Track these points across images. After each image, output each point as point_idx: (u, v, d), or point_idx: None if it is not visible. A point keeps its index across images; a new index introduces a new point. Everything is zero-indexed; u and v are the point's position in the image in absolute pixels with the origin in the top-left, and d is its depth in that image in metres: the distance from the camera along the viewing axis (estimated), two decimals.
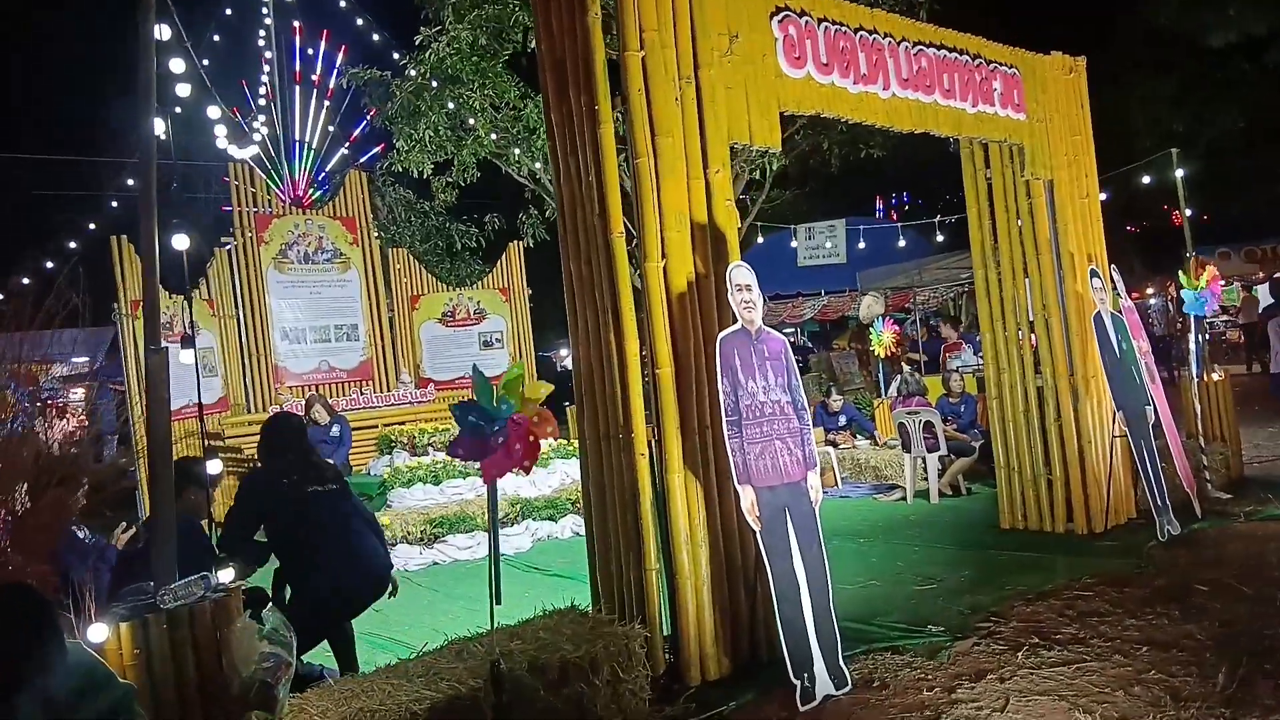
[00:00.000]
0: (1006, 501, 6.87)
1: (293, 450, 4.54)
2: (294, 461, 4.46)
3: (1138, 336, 6.78)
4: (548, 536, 7.94)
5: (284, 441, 4.57)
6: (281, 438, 4.59)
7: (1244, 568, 5.24)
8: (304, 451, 4.59)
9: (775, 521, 4.24)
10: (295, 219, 11.96)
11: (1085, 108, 6.99)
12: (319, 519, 4.31)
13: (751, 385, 4.37)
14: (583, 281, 4.65)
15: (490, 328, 13.29)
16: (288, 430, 4.69)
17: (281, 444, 4.55)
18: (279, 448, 4.54)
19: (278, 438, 4.60)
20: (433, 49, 12.05)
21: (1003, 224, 6.76)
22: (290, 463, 4.44)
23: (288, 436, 4.62)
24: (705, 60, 4.66)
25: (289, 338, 11.78)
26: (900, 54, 5.64)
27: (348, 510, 4.49)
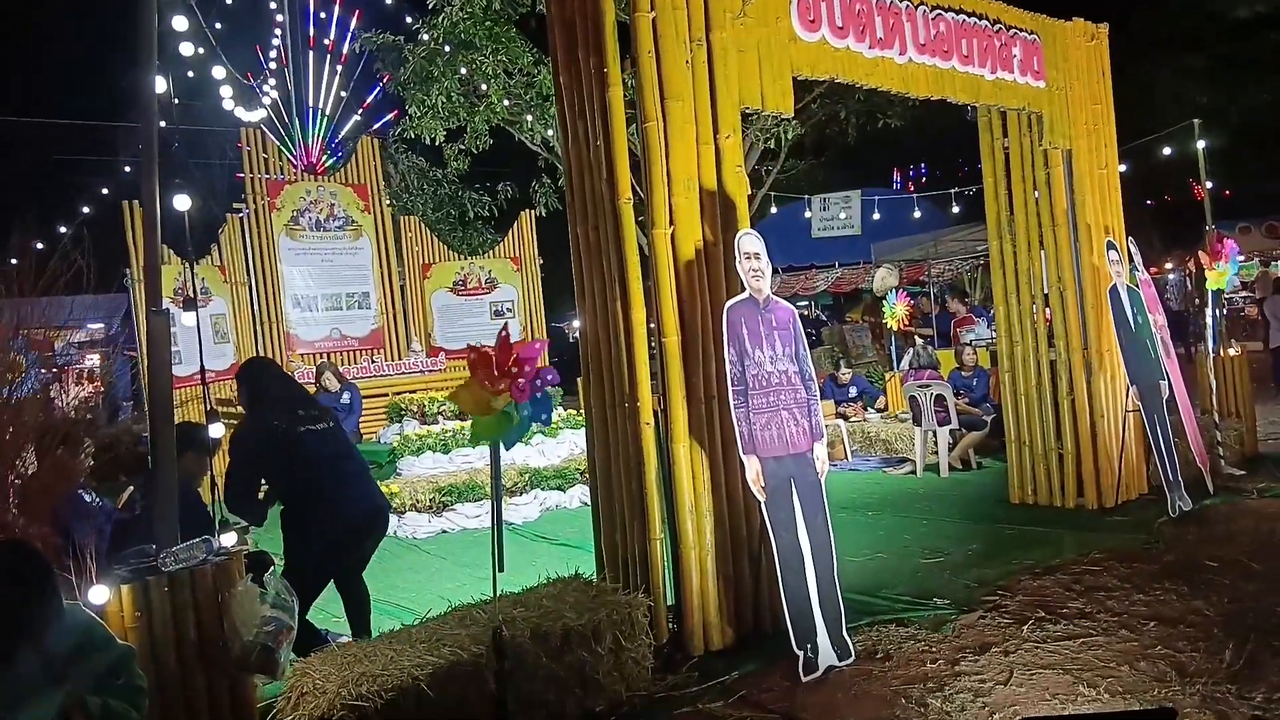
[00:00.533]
0: (1017, 476, 6.82)
1: (275, 393, 4.46)
2: (279, 405, 4.38)
3: (1154, 311, 6.69)
4: (556, 506, 7.95)
5: (263, 388, 4.48)
6: (259, 385, 4.50)
7: (1254, 545, 5.19)
8: (288, 393, 4.52)
9: (780, 492, 4.21)
10: (307, 185, 11.91)
11: (1106, 76, 6.85)
12: (313, 456, 4.27)
13: (759, 355, 4.32)
14: (590, 248, 4.60)
15: (501, 297, 13.24)
16: (265, 376, 4.60)
17: (260, 391, 4.47)
18: (259, 395, 4.46)
19: (255, 386, 4.51)
20: (446, 13, 11.95)
21: (1019, 195, 6.65)
22: (276, 407, 4.37)
23: (265, 382, 4.53)
24: (717, 22, 4.57)
25: (300, 305, 11.78)
26: (918, 18, 5.52)
27: (342, 450, 4.45)
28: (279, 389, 4.52)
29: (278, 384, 4.56)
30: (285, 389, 4.56)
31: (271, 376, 4.61)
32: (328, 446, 4.35)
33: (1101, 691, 3.51)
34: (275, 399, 4.43)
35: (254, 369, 4.70)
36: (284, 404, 4.40)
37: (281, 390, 4.52)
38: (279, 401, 4.41)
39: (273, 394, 4.46)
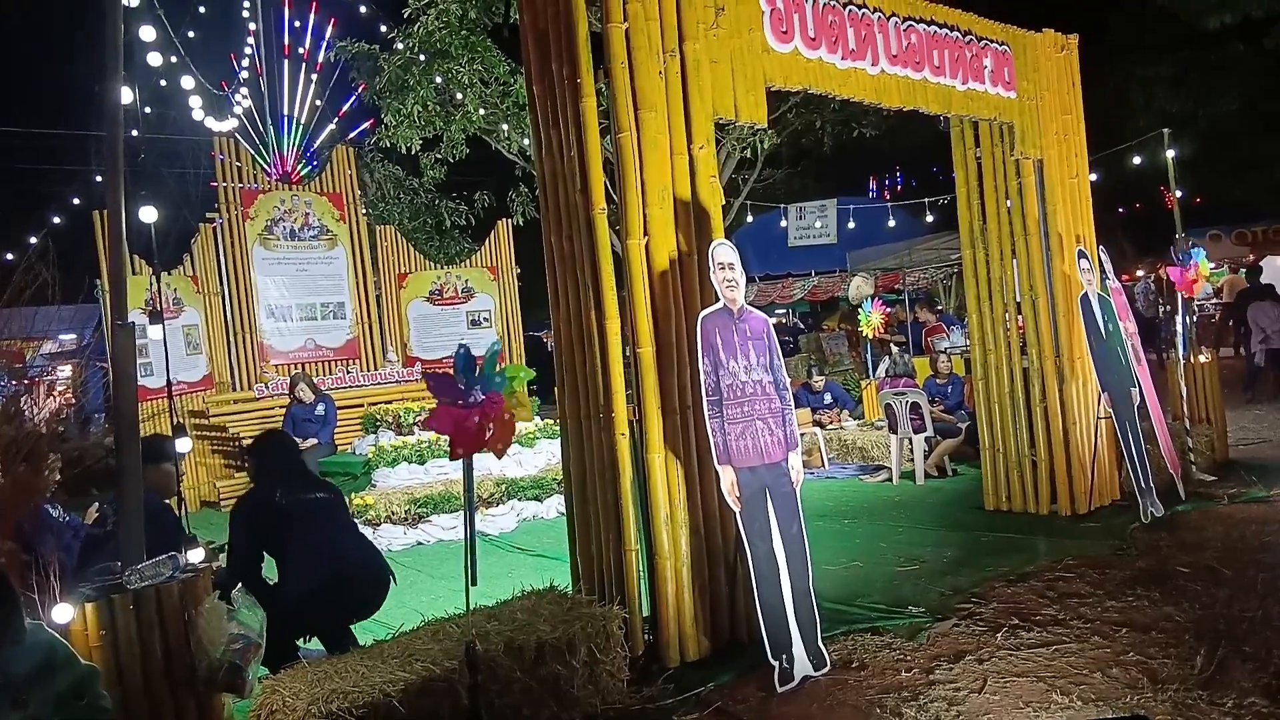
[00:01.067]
0: (991, 483, 6.86)
1: (283, 470, 4.44)
2: (285, 479, 4.36)
3: (1124, 318, 6.76)
4: (533, 516, 7.91)
5: (274, 464, 4.47)
6: (272, 461, 4.49)
7: (1225, 550, 5.24)
8: (296, 469, 4.51)
9: (755, 502, 4.21)
10: (281, 195, 11.84)
11: (1077, 86, 6.93)
12: (312, 521, 4.22)
13: (733, 365, 4.32)
14: (564, 258, 4.59)
15: (478, 306, 13.20)
16: (280, 453, 4.57)
17: (271, 466, 4.45)
18: (268, 470, 4.45)
19: (262, 458, 4.50)
20: (421, 22, 11.91)
21: (992, 204, 6.71)
22: (281, 480, 4.34)
23: (280, 459, 4.51)
24: (690, 33, 4.58)
25: (274, 315, 11.69)
26: (890, 29, 5.56)
27: (343, 519, 4.43)
28: (284, 462, 4.50)
29: (283, 457, 4.54)
30: (291, 465, 4.53)
31: (283, 453, 4.59)
32: (326, 512, 4.29)
33: (1074, 699, 3.52)
34: (278, 471, 4.41)
35: (264, 444, 4.66)
36: (285, 476, 4.37)
37: (285, 463, 4.50)
38: (281, 474, 4.39)
39: (276, 466, 4.44)
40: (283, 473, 4.41)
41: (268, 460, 4.49)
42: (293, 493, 4.26)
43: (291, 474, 4.45)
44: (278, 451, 4.57)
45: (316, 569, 4.11)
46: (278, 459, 4.51)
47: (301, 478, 4.50)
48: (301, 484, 4.40)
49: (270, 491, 4.28)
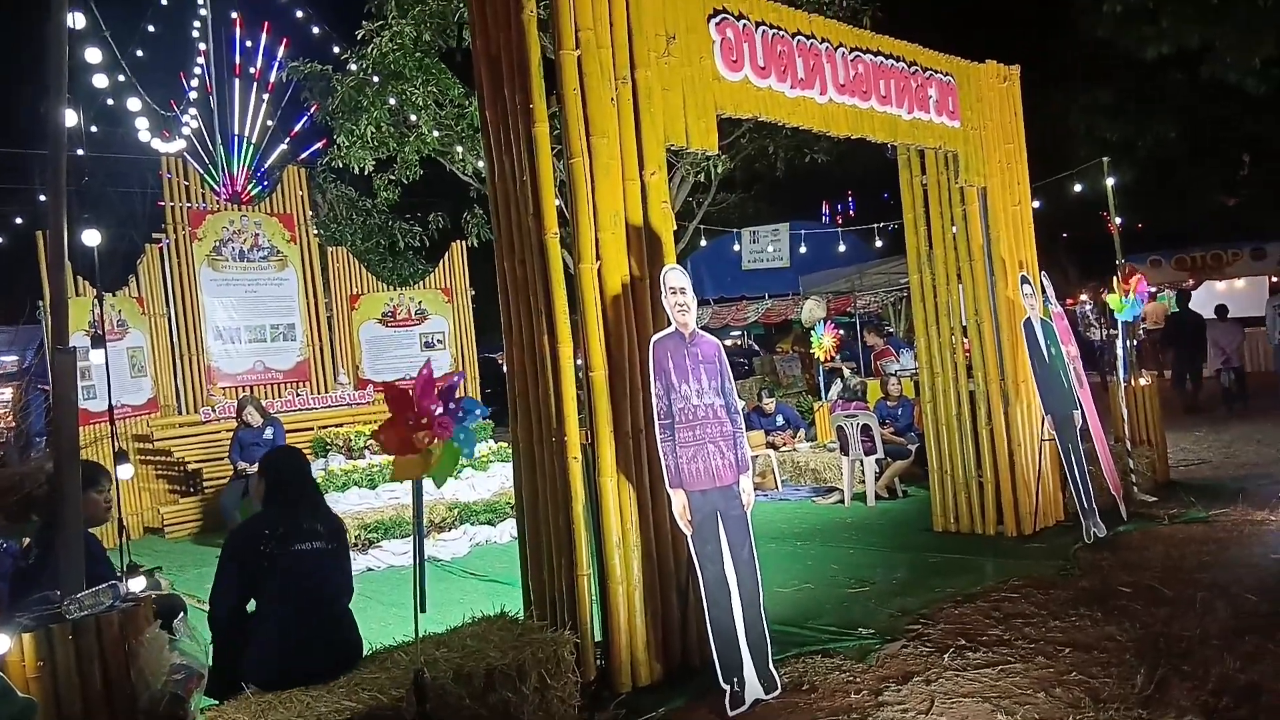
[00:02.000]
0: (939, 504, 6.97)
1: (291, 495, 4.06)
2: (286, 510, 4.00)
3: (1066, 342, 6.92)
4: (486, 541, 7.85)
5: (283, 483, 4.09)
6: (282, 476, 4.11)
7: (1165, 570, 5.37)
8: (301, 498, 4.09)
9: (706, 526, 4.23)
10: (230, 215, 11.68)
11: (1018, 116, 7.12)
12: (297, 581, 3.83)
13: (685, 388, 4.35)
14: (517, 282, 4.60)
15: (432, 328, 13.11)
16: (290, 471, 4.16)
17: (281, 485, 4.08)
18: (277, 489, 4.08)
19: (280, 476, 4.12)
20: (375, 44, 11.89)
21: (938, 230, 6.85)
22: (281, 511, 4.00)
23: (289, 477, 4.12)
24: (641, 61, 4.63)
25: (222, 337, 11.49)
26: (837, 59, 5.67)
27: (334, 577, 4.02)
28: (296, 490, 4.10)
29: (297, 484, 4.13)
30: (299, 492, 4.11)
31: (294, 472, 4.18)
32: (309, 572, 3.89)
33: (1019, 719, 3.58)
34: (287, 499, 4.06)
35: (279, 461, 4.27)
36: (290, 509, 4.01)
37: (297, 492, 4.10)
38: (289, 501, 4.05)
39: (288, 493, 4.07)
40: (288, 501, 4.03)
41: (279, 479, 4.10)
42: (286, 541, 3.86)
43: (293, 508, 4.01)
44: (287, 471, 4.16)
45: (284, 637, 3.76)
46: (288, 479, 4.11)
47: (305, 515, 4.01)
48: (302, 525, 3.93)
49: (265, 528, 3.91)
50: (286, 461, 4.25)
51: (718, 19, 5.03)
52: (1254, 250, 19.38)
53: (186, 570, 7.84)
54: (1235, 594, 4.79)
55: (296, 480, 4.13)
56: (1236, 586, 4.91)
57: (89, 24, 3.80)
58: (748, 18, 5.19)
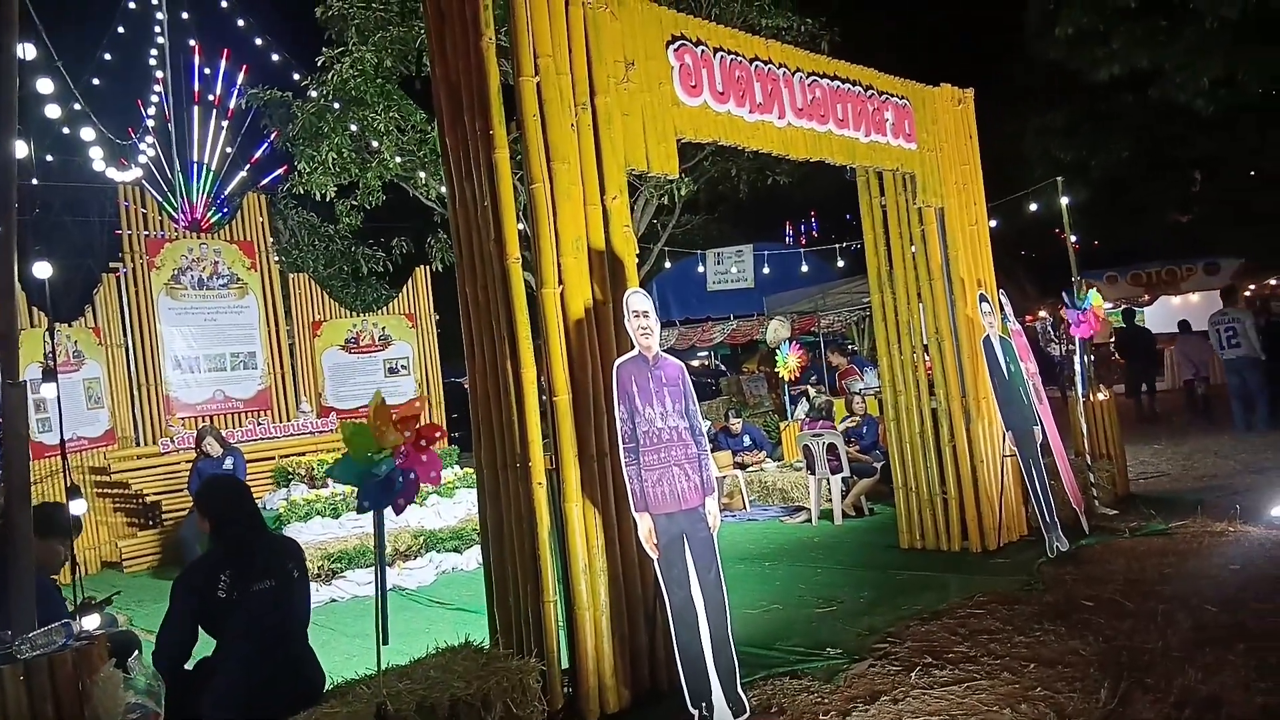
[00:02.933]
0: (905, 522, 7.01)
1: (232, 529, 3.86)
2: (237, 547, 3.82)
3: (1025, 359, 7.02)
4: (452, 569, 7.77)
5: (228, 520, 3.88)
6: (224, 513, 3.90)
7: (1127, 583, 5.43)
8: (249, 532, 3.90)
9: (673, 549, 4.21)
10: (189, 243, 11.55)
11: (973, 138, 7.25)
12: (254, 622, 3.70)
13: (649, 411, 4.35)
14: (479, 307, 4.59)
15: (395, 354, 13.02)
16: (231, 506, 3.95)
17: (227, 522, 3.87)
18: (222, 526, 3.87)
19: (222, 514, 3.90)
20: (335, 70, 11.87)
21: (898, 250, 6.93)
22: (234, 549, 3.81)
23: (231, 513, 3.90)
24: (601, 87, 4.66)
25: (181, 366, 11.33)
26: (795, 84, 5.75)
27: (295, 611, 3.91)
28: (241, 526, 3.90)
29: (235, 510, 3.94)
30: (240, 521, 3.91)
31: (227, 499, 3.99)
32: (266, 613, 3.75)
33: None
34: (232, 530, 3.87)
35: (210, 491, 4.09)
36: (237, 541, 3.83)
37: (243, 528, 3.90)
38: (234, 533, 3.86)
39: (235, 532, 3.87)
40: (238, 542, 3.83)
41: (219, 523, 3.89)
42: (244, 581, 3.69)
43: (248, 545, 3.84)
44: (227, 511, 3.92)
45: (247, 676, 3.65)
46: (231, 521, 3.88)
47: (258, 550, 3.85)
48: (256, 562, 3.78)
49: (221, 569, 3.71)
50: (224, 496, 4.04)
51: (676, 45, 5.08)
52: (1207, 265, 19.86)
53: (145, 605, 7.67)
54: (1195, 606, 4.85)
55: (240, 514, 3.93)
56: (1196, 598, 4.97)
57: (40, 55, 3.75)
58: (706, 44, 5.24)
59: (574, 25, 4.59)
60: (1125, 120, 15.19)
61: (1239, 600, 4.88)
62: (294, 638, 3.89)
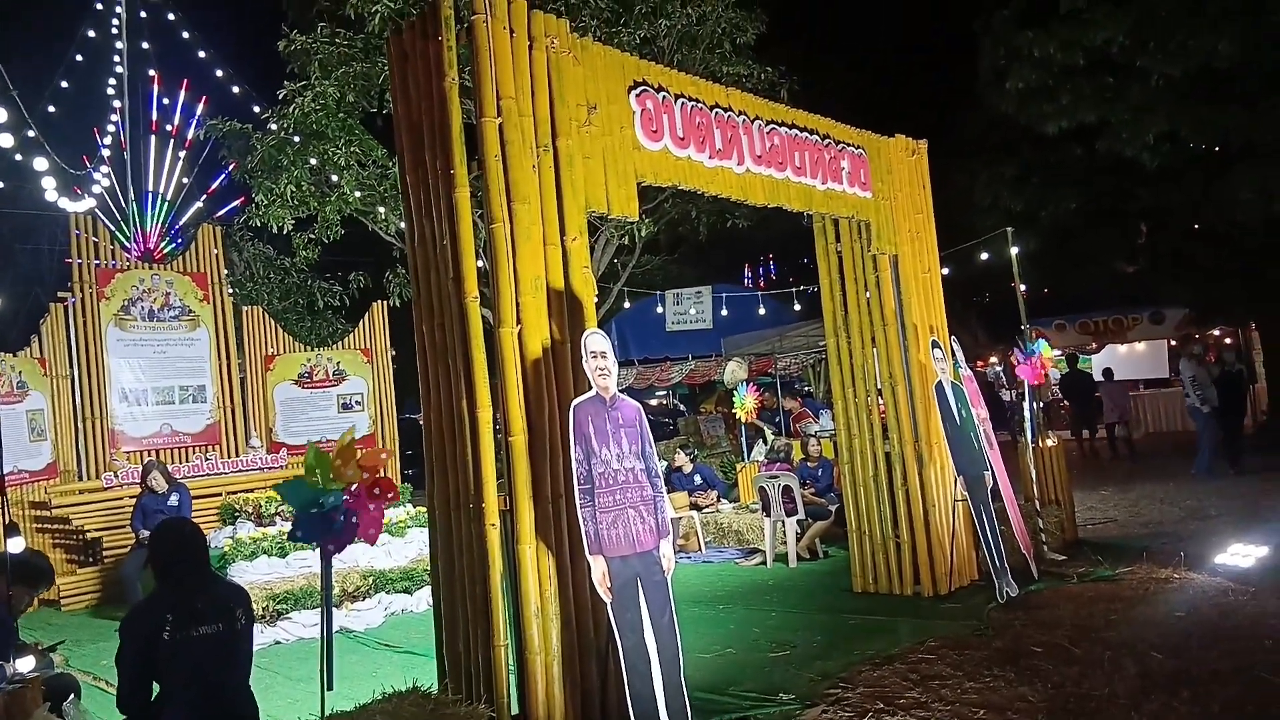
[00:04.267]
0: (858, 565, 7.04)
1: (176, 572, 3.77)
2: (180, 591, 3.71)
3: (976, 404, 7.13)
4: (402, 610, 7.63)
5: (174, 561, 3.78)
6: (170, 554, 3.80)
7: (1075, 629, 5.49)
8: (194, 576, 3.80)
9: (626, 593, 4.18)
10: (141, 274, 11.35)
11: (926, 187, 7.41)
12: (197, 667, 3.60)
13: (605, 453, 4.34)
14: (435, 345, 4.56)
15: (350, 389, 12.86)
16: (179, 547, 3.84)
17: (172, 564, 3.78)
18: (168, 568, 3.79)
19: (168, 555, 3.82)
20: (297, 104, 11.81)
21: (853, 295, 7.04)
22: (176, 593, 3.70)
23: (178, 555, 3.80)
24: (563, 130, 4.70)
25: (128, 399, 11.08)
26: (754, 131, 5.85)
27: (237, 659, 3.80)
28: (180, 564, 3.79)
29: (179, 557, 3.82)
30: (185, 567, 3.80)
31: (175, 546, 3.86)
32: (209, 659, 3.65)
33: None
34: (173, 578, 3.77)
35: (160, 536, 3.96)
36: (181, 587, 3.72)
37: (182, 567, 3.79)
38: (176, 580, 3.75)
39: (173, 570, 3.78)
40: (175, 580, 3.74)
41: (164, 564, 3.80)
42: (187, 626, 3.59)
43: (191, 589, 3.72)
44: (166, 545, 3.85)
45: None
46: (166, 556, 3.80)
47: (202, 594, 3.74)
48: (198, 606, 3.66)
49: (163, 614, 3.60)
50: (172, 540, 3.92)
51: (638, 91, 5.15)
52: (1153, 315, 20.45)
53: (84, 645, 7.43)
54: (1141, 652, 4.92)
55: (187, 557, 3.82)
56: (1143, 645, 5.04)
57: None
58: (667, 90, 5.33)
59: (537, 68, 4.64)
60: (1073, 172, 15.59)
61: (1184, 647, 4.95)
62: (237, 685, 3.79)
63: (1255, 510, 8.80)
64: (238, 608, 3.80)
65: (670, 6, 11.85)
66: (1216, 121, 12.87)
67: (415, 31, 4.59)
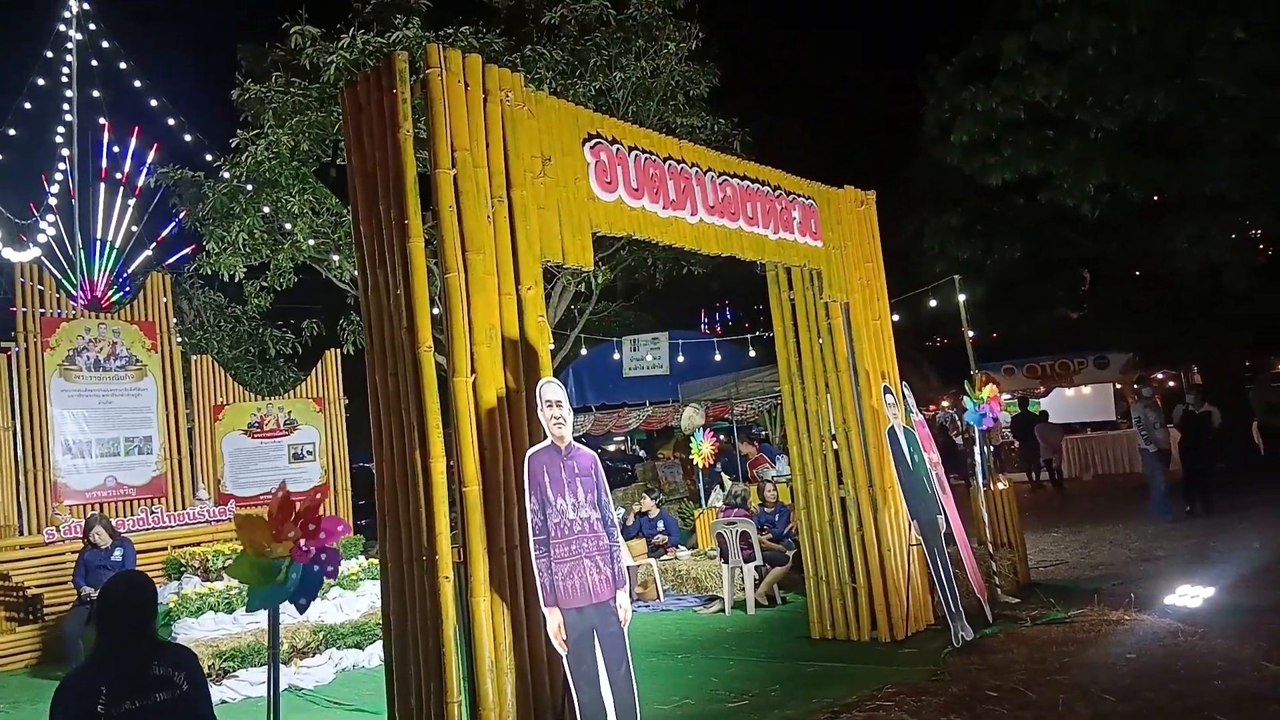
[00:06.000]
0: (816, 611, 7.04)
1: (114, 637, 3.48)
2: (119, 656, 3.44)
3: (928, 449, 7.22)
4: (354, 666, 7.44)
5: (115, 622, 3.49)
6: (111, 614, 3.50)
7: (1029, 673, 5.53)
8: (128, 640, 3.49)
9: (582, 645, 4.14)
10: (87, 323, 11.13)
11: (876, 237, 7.57)
12: None
13: (560, 503, 4.32)
14: (388, 395, 4.53)
15: (301, 439, 12.65)
16: (121, 605, 3.53)
17: (112, 625, 3.49)
18: (108, 629, 3.49)
19: (109, 615, 3.52)
20: (250, 152, 11.78)
21: (806, 342, 7.13)
22: (115, 658, 3.44)
23: (121, 613, 3.50)
24: (518, 180, 4.75)
25: (72, 451, 10.79)
26: (707, 182, 5.95)
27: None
28: (128, 632, 3.50)
29: (128, 624, 3.52)
30: (123, 632, 3.50)
31: (116, 609, 3.55)
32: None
33: None
34: (109, 643, 3.47)
35: (102, 595, 3.64)
36: (115, 654, 3.45)
37: (131, 633, 3.51)
38: (120, 651, 3.46)
39: (120, 638, 3.48)
40: (122, 650, 3.45)
41: (104, 625, 3.51)
42: (121, 697, 3.31)
43: (131, 653, 3.46)
44: (115, 611, 3.53)
45: None
46: (117, 625, 3.49)
47: (143, 659, 3.47)
48: (141, 673, 3.40)
49: (99, 683, 3.32)
50: (112, 600, 3.61)
51: (592, 143, 5.23)
52: (1098, 360, 21.04)
53: (21, 707, 7.16)
54: (1094, 695, 4.97)
55: (128, 619, 3.53)
56: (1095, 687, 5.09)
57: None
58: (621, 142, 5.41)
59: (492, 121, 4.70)
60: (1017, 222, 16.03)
61: (1134, 690, 5.01)
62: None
63: (1202, 552, 8.97)
64: (180, 672, 3.50)
65: (625, 60, 12.07)
66: (1153, 173, 13.37)
67: (370, 83, 4.62)
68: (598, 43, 12.02)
